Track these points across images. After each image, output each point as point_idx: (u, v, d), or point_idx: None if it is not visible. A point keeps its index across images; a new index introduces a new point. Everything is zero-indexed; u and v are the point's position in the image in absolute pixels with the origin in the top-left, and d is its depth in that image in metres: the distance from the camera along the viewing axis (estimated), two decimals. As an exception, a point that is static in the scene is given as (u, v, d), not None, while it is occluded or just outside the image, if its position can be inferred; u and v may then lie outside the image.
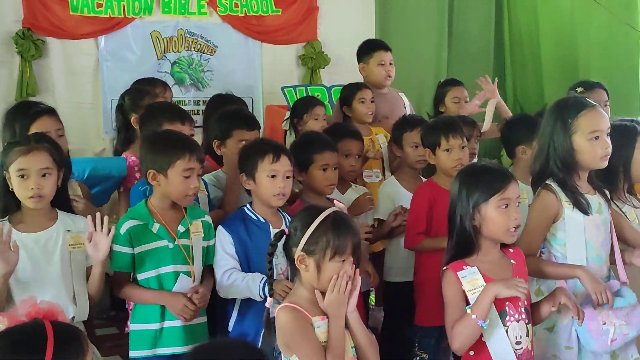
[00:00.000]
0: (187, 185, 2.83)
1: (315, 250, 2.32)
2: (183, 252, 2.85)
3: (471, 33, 6.56)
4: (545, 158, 2.74)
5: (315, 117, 4.31)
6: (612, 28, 5.64)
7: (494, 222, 2.44)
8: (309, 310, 2.32)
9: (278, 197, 2.91)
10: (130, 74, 5.13)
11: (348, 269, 2.33)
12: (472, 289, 2.42)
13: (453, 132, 3.40)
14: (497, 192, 2.44)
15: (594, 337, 2.61)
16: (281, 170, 2.91)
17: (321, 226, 2.33)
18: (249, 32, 5.79)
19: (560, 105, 2.78)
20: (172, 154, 2.83)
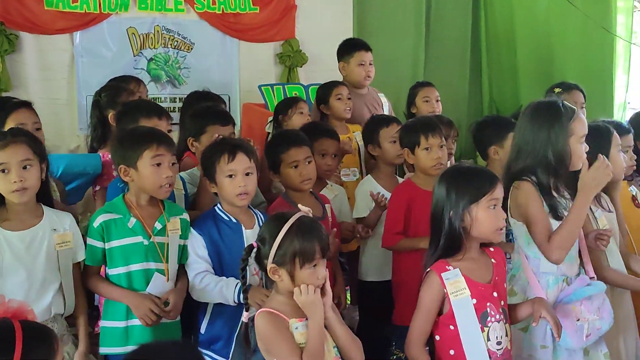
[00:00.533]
0: (159, 175, 2.81)
1: (285, 261, 2.31)
2: (158, 249, 2.82)
3: (448, 34, 6.59)
4: (531, 159, 2.75)
5: (301, 111, 4.29)
6: (587, 30, 5.69)
7: (484, 223, 2.46)
8: (286, 313, 2.32)
9: (241, 196, 2.88)
10: (105, 71, 5.09)
11: (321, 272, 2.32)
12: (454, 292, 2.43)
13: (432, 131, 3.41)
14: (487, 193, 2.46)
15: (570, 334, 2.63)
16: (239, 168, 2.87)
17: (287, 236, 2.31)
18: (227, 30, 5.76)
19: (554, 106, 2.79)
20: (138, 145, 2.81)
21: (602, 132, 3.09)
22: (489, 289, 2.48)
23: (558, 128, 2.72)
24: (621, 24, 5.67)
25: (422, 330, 2.49)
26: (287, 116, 4.29)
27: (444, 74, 6.33)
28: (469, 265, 2.50)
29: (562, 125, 2.72)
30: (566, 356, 2.70)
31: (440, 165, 3.38)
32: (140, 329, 2.79)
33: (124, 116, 3.39)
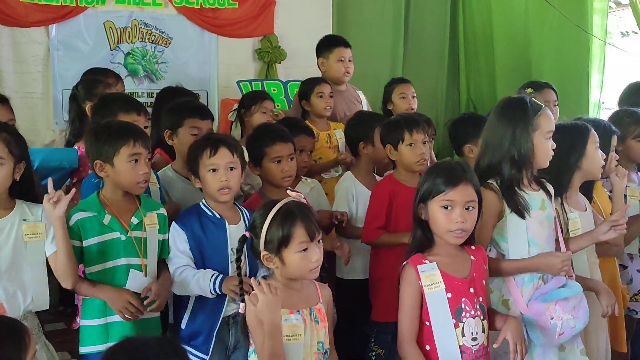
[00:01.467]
0: (136, 171, 2.78)
1: (273, 247, 2.32)
2: (135, 244, 2.80)
3: (427, 32, 6.61)
4: (497, 155, 2.76)
5: (263, 111, 4.27)
6: (564, 30, 5.74)
7: (436, 222, 2.50)
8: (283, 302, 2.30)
9: (222, 191, 2.87)
10: (82, 64, 5.03)
11: (313, 255, 2.33)
12: (429, 284, 2.44)
13: (416, 127, 3.40)
14: (441, 192, 2.48)
15: (543, 332, 2.65)
16: (221, 163, 2.87)
17: (273, 223, 2.33)
18: (205, 25, 5.73)
19: (519, 103, 2.80)
20: (115, 141, 2.78)
21: (580, 130, 3.10)
22: (465, 284, 2.49)
23: (522, 123, 2.73)
24: (596, 24, 5.73)
25: (410, 327, 2.48)
26: (249, 112, 4.28)
27: (423, 71, 6.36)
28: (446, 260, 2.52)
29: (527, 120, 2.72)
30: (540, 352, 2.72)
31: (424, 161, 3.39)
32: (120, 325, 2.76)
33: (102, 109, 3.35)
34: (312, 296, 2.43)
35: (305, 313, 2.37)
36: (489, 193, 2.71)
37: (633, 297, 3.66)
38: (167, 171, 3.39)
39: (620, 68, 7.29)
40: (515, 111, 2.77)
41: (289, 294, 2.36)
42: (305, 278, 2.40)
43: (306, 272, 2.36)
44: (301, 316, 2.35)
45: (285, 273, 2.36)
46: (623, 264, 3.66)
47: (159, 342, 1.72)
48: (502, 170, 2.74)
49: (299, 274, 2.36)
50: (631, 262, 3.68)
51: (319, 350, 2.38)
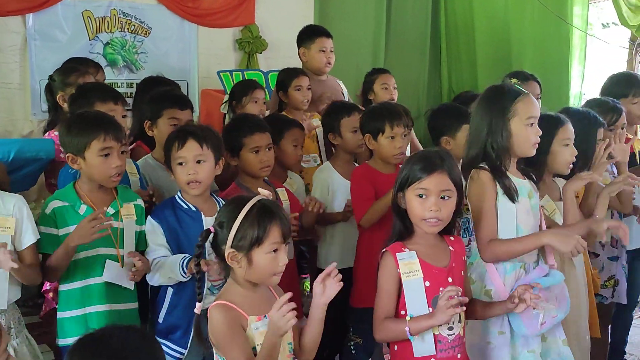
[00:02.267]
0: (107, 165, 2.76)
1: (244, 245, 2.22)
2: (111, 235, 2.77)
3: (408, 23, 6.60)
4: (482, 143, 2.75)
5: (255, 100, 4.26)
6: (544, 21, 5.75)
7: (412, 210, 2.49)
8: (245, 307, 2.24)
9: (191, 185, 2.84)
10: (60, 54, 4.95)
11: (282, 258, 2.26)
12: (407, 272, 2.44)
13: (398, 119, 3.39)
14: (416, 180, 2.47)
15: (525, 322, 2.65)
16: (188, 156, 2.84)
17: (246, 219, 2.23)
18: (185, 15, 5.68)
19: (497, 91, 2.79)
20: (86, 135, 2.75)
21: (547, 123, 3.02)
22: (443, 273, 2.49)
23: (498, 111, 2.72)
24: (577, 15, 5.74)
25: (385, 311, 2.47)
26: (241, 104, 4.26)
27: (404, 62, 6.35)
28: (426, 249, 2.51)
29: (503, 108, 2.71)
30: (523, 342, 2.72)
31: (402, 154, 3.39)
32: (98, 315, 2.75)
33: (79, 99, 3.32)
34: (271, 298, 2.34)
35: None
36: (484, 173, 2.71)
37: (604, 283, 3.70)
38: (148, 159, 3.38)
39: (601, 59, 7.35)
40: (491, 99, 2.77)
41: (253, 299, 2.28)
42: (266, 282, 2.31)
43: (270, 275, 2.27)
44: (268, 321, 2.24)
45: (249, 275, 2.26)
46: (595, 252, 3.69)
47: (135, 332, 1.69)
48: (487, 158, 2.73)
49: (263, 277, 2.27)
50: (602, 249, 3.72)
51: (290, 352, 2.33)
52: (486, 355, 2.72)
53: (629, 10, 5.35)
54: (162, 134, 3.26)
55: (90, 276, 2.78)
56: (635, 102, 3.97)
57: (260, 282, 2.30)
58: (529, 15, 5.90)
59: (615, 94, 3.97)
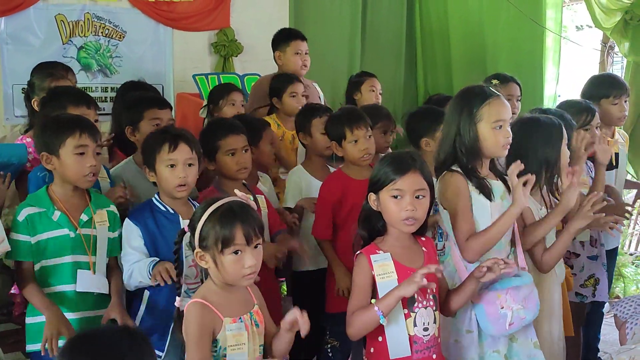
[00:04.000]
0: (82, 164, 2.75)
1: (208, 245, 2.23)
2: (84, 242, 2.75)
3: (384, 26, 6.62)
4: (451, 146, 2.77)
5: (232, 103, 4.25)
6: (518, 23, 5.79)
7: (387, 210, 2.50)
8: (221, 308, 2.26)
9: (179, 188, 2.84)
10: (33, 59, 4.85)
11: (247, 261, 2.24)
12: (381, 274, 2.44)
13: (357, 122, 3.41)
14: (390, 181, 2.49)
15: (492, 322, 2.67)
16: (180, 159, 2.84)
17: (210, 219, 2.24)
18: (160, 18, 5.65)
19: (466, 93, 2.82)
20: (61, 133, 2.74)
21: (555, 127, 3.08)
22: None
23: (465, 113, 2.74)
24: (551, 18, 5.79)
25: (356, 308, 2.48)
26: (218, 107, 4.24)
27: (380, 64, 6.35)
28: (400, 251, 2.52)
29: (469, 110, 2.73)
30: (490, 341, 2.73)
31: (369, 155, 3.40)
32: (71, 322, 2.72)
33: (51, 102, 3.29)
34: (247, 299, 2.36)
35: (246, 319, 2.31)
36: (456, 176, 2.73)
37: (584, 283, 3.74)
38: (129, 163, 3.36)
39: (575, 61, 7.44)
40: (461, 102, 2.79)
41: (229, 300, 2.29)
42: (238, 284, 2.31)
43: (239, 277, 2.26)
44: (243, 323, 2.28)
45: (219, 275, 2.27)
46: (575, 251, 3.73)
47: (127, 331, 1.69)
48: (459, 159, 2.75)
49: (232, 279, 2.27)
50: (583, 249, 3.76)
51: (261, 353, 2.35)
52: (454, 353, 2.74)
53: (602, 13, 5.40)
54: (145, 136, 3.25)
55: (61, 283, 2.76)
56: (615, 103, 4.00)
57: (232, 284, 2.30)
58: (504, 18, 5.94)
59: (596, 95, 4.01)
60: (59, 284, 2.76)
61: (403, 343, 2.44)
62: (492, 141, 2.73)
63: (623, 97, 4.03)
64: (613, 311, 3.78)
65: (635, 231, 6.50)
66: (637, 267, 5.92)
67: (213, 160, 3.25)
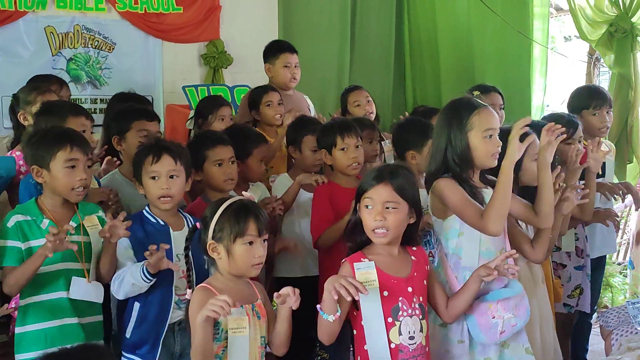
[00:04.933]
0: (72, 177, 2.76)
1: (222, 236, 2.43)
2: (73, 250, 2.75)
3: (372, 38, 6.65)
4: (442, 156, 2.79)
5: (221, 118, 4.25)
6: (505, 35, 5.83)
7: (363, 220, 2.54)
8: (224, 292, 2.37)
9: (163, 199, 2.86)
10: (22, 70, 4.93)
11: (258, 251, 2.45)
12: (364, 282, 2.44)
13: (348, 131, 3.45)
14: (364, 191, 2.54)
15: (484, 331, 2.69)
16: (162, 170, 2.86)
17: (225, 213, 2.45)
18: (149, 30, 5.67)
19: (455, 104, 2.84)
20: (52, 146, 2.76)
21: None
22: (402, 282, 2.52)
23: (455, 124, 2.76)
24: (538, 29, 5.84)
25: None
26: (207, 122, 4.24)
27: (369, 76, 6.39)
28: (386, 260, 2.55)
29: (459, 121, 2.76)
30: (480, 349, 2.75)
31: (357, 164, 3.43)
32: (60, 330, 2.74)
33: (48, 114, 3.30)
34: (251, 293, 2.53)
35: (248, 308, 2.45)
36: (448, 179, 2.74)
37: (571, 293, 3.77)
38: (116, 175, 3.38)
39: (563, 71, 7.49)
40: (450, 113, 2.82)
41: (234, 289, 2.45)
42: (246, 274, 2.51)
43: (249, 266, 2.46)
44: (245, 311, 2.43)
45: (229, 266, 2.45)
46: (562, 262, 3.76)
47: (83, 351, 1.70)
48: (451, 168, 2.77)
49: (242, 268, 2.46)
50: (569, 259, 3.79)
51: (262, 345, 2.47)
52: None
53: (588, 25, 5.46)
54: (132, 147, 3.30)
55: (53, 291, 2.76)
56: (595, 114, 4.05)
57: (240, 274, 2.50)
58: (491, 29, 5.98)
59: (577, 106, 4.07)
60: (50, 292, 2.76)
61: (382, 351, 2.46)
62: (483, 150, 2.76)
63: (604, 108, 4.07)
64: (599, 322, 3.82)
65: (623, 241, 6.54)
66: (624, 276, 5.95)
67: (200, 171, 3.27)
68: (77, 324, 2.78)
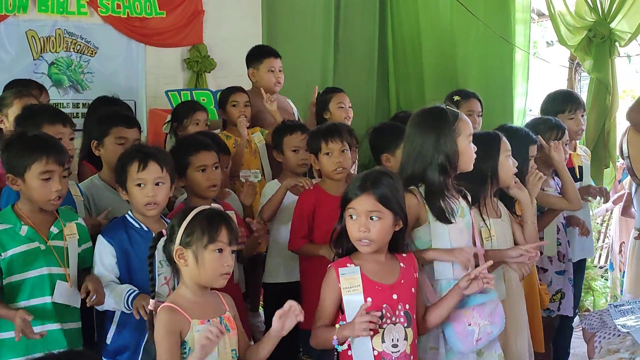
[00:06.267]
0: (48, 189, 2.73)
1: (191, 241, 2.36)
2: (55, 254, 2.75)
3: (356, 42, 6.65)
4: (420, 164, 2.79)
5: (196, 122, 4.27)
6: (488, 40, 5.86)
7: (348, 230, 2.54)
8: (190, 311, 2.33)
9: (148, 206, 2.86)
10: (3, 74, 4.89)
11: (227, 260, 2.37)
12: (348, 287, 2.48)
13: (332, 136, 3.46)
14: (348, 201, 2.53)
15: (461, 339, 2.70)
16: (149, 178, 2.85)
17: (195, 218, 2.38)
18: (132, 34, 5.63)
19: (437, 111, 2.86)
20: (27, 157, 2.72)
21: (492, 139, 3.18)
22: (386, 290, 2.52)
23: (446, 130, 2.79)
24: (520, 34, 5.88)
25: (321, 321, 2.54)
26: (182, 126, 4.25)
27: (353, 80, 6.40)
28: (373, 266, 2.55)
29: (449, 127, 2.79)
30: (459, 357, 2.76)
31: (342, 169, 3.43)
32: None
33: (26, 120, 3.27)
34: (218, 305, 2.46)
35: (215, 322, 2.38)
36: (410, 197, 2.74)
37: (551, 298, 3.79)
38: (95, 180, 3.36)
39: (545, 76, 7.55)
40: (435, 119, 2.83)
41: (198, 304, 2.38)
42: (213, 284, 2.42)
43: (217, 275, 2.38)
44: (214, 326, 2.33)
45: (196, 275, 2.37)
46: (543, 267, 3.78)
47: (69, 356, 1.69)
48: (428, 177, 2.77)
49: (209, 276, 2.38)
50: (551, 264, 3.82)
51: (233, 358, 2.41)
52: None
53: (567, 31, 5.51)
54: (109, 153, 3.28)
55: (35, 296, 2.74)
56: (571, 118, 4.12)
57: (207, 284, 2.41)
58: (474, 34, 6.01)
59: (552, 111, 4.12)
60: (31, 297, 2.74)
61: (366, 356, 2.47)
62: (468, 155, 2.82)
63: (579, 111, 4.15)
64: (581, 325, 3.84)
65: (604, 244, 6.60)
66: (606, 280, 6.00)
67: (183, 177, 3.26)
68: (59, 330, 2.77)
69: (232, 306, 2.52)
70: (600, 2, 5.30)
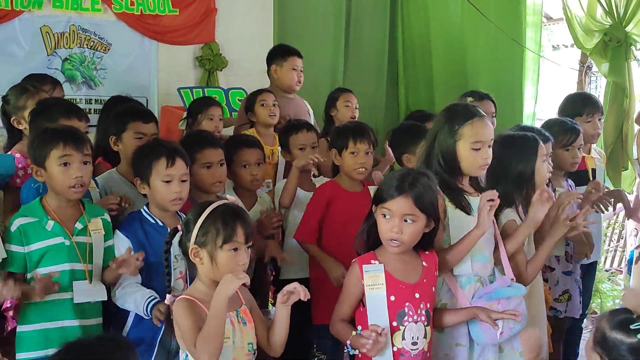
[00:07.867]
0: (68, 175, 2.75)
1: (206, 241, 2.34)
2: (77, 250, 2.76)
3: (366, 43, 6.68)
4: (430, 159, 2.81)
5: (210, 117, 4.28)
6: (498, 42, 5.88)
7: (379, 227, 2.54)
8: (207, 304, 2.32)
9: (174, 202, 2.88)
10: (17, 70, 4.89)
11: (242, 258, 2.35)
12: (371, 285, 2.49)
13: (361, 136, 3.47)
14: (381, 201, 2.53)
15: (484, 331, 2.70)
16: (176, 174, 2.87)
17: (210, 216, 2.35)
18: (145, 31, 5.65)
19: (451, 110, 2.86)
20: (45, 145, 2.76)
21: (529, 142, 3.12)
22: (409, 288, 2.54)
23: (446, 129, 2.79)
24: (530, 38, 5.90)
25: (342, 312, 2.56)
26: (197, 121, 4.27)
27: (362, 82, 6.42)
28: (397, 264, 2.56)
29: (450, 127, 2.77)
30: (479, 351, 2.78)
31: (365, 170, 3.45)
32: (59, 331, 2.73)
33: (41, 114, 3.29)
34: (234, 299, 2.42)
35: (232, 316, 2.38)
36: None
37: (558, 297, 3.80)
38: (113, 174, 3.37)
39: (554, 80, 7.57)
40: (445, 119, 2.83)
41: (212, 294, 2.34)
42: None
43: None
44: (229, 319, 2.35)
45: (211, 273, 2.36)
46: (550, 265, 3.79)
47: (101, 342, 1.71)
48: (438, 172, 2.78)
49: (224, 275, 2.33)
50: (558, 263, 3.83)
51: (250, 352, 2.41)
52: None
53: (585, 34, 5.51)
54: (127, 148, 3.29)
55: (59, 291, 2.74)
56: (588, 121, 4.11)
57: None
58: (484, 37, 6.03)
59: (570, 113, 4.11)
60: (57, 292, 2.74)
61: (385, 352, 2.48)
62: (470, 161, 2.77)
63: (596, 115, 4.14)
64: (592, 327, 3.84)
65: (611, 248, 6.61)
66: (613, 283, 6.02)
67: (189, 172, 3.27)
68: (77, 327, 2.78)
69: (250, 299, 2.53)
70: (615, 6, 5.31)
